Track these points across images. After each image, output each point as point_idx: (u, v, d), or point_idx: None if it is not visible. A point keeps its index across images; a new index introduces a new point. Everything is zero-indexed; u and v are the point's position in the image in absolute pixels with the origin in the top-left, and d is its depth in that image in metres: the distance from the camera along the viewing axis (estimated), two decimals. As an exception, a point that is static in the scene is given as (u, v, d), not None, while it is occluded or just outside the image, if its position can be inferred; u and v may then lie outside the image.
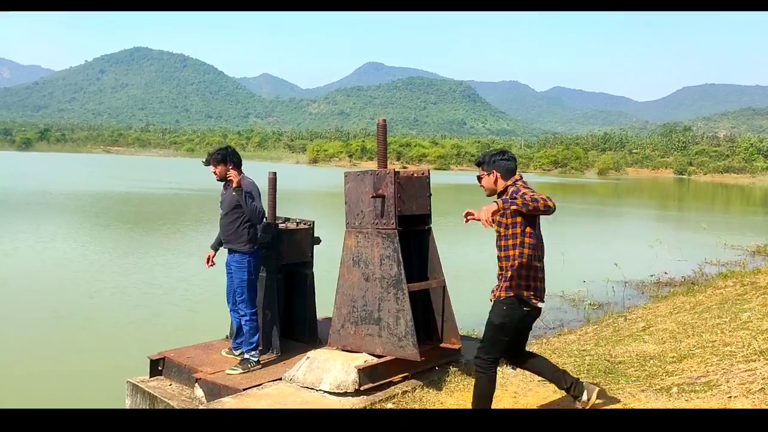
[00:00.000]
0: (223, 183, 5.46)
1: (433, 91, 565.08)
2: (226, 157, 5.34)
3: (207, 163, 5.45)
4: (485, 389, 3.87)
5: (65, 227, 19.00)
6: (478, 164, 4.06)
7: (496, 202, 3.60)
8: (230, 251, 5.42)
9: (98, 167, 71.89)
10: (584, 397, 4.05)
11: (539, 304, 3.90)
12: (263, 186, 5.69)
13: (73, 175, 51.21)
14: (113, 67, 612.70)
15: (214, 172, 5.38)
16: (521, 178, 3.96)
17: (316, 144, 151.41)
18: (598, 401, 4.12)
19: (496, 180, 3.95)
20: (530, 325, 4.08)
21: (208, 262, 5.61)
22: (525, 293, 3.81)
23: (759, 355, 5.16)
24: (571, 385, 4.08)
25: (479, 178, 4.04)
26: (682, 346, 5.96)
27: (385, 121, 5.54)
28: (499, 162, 3.95)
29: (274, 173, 5.86)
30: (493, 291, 4.02)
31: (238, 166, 5.36)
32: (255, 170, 5.43)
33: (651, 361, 5.64)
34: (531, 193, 3.67)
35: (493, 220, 3.54)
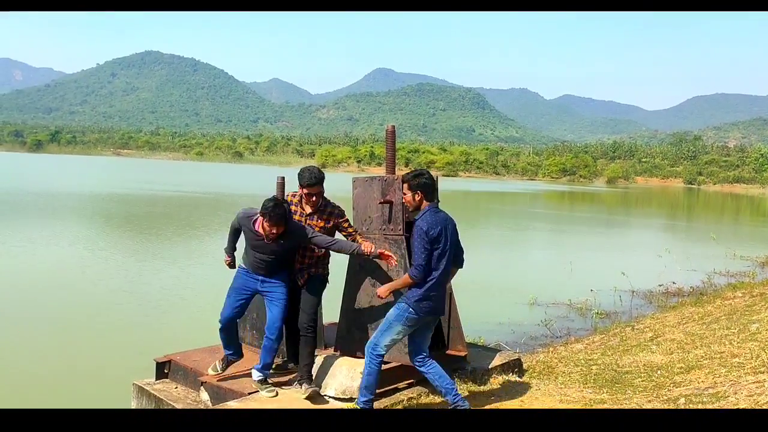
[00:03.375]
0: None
1: (442, 98, 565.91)
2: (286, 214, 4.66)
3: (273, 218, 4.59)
4: None
5: (68, 228, 19.09)
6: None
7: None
8: (273, 278, 4.92)
9: (106, 169, 72.31)
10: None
11: None
12: (272, 190, 5.68)
13: (79, 177, 51.51)
14: (124, 71, 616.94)
15: (272, 232, 4.65)
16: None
17: (324, 149, 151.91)
18: None
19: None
20: None
21: (231, 266, 5.20)
22: None
23: (767, 366, 5.12)
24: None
25: None
26: (690, 357, 5.92)
27: (393, 127, 5.54)
28: None
29: (283, 178, 5.86)
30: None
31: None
32: (264, 174, 5.39)
33: (658, 372, 5.61)
34: None
35: None
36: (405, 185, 4.60)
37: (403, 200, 4.71)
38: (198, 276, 12.52)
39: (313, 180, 4.88)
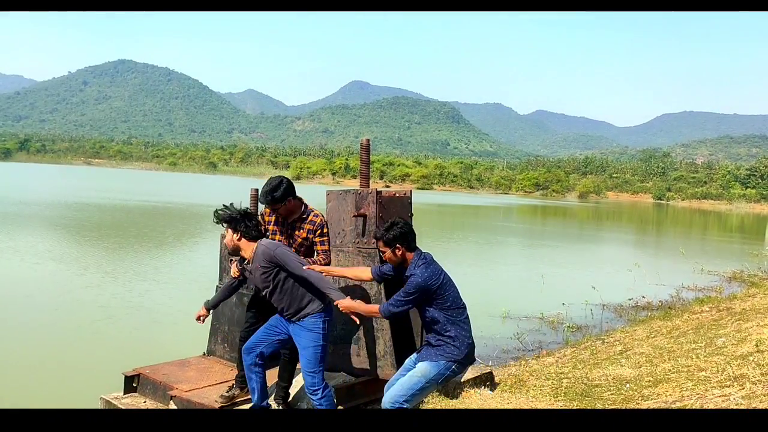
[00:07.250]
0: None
1: (418, 111, 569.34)
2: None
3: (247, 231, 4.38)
4: None
5: (25, 238, 18.72)
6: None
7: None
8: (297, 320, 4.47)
9: (75, 178, 71.09)
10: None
11: None
12: (245, 202, 5.64)
13: (46, 185, 50.57)
14: (97, 79, 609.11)
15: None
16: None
17: (299, 161, 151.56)
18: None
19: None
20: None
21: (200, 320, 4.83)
22: None
23: (733, 380, 5.20)
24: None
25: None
26: (658, 371, 5.99)
27: (368, 140, 5.56)
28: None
29: (256, 190, 5.84)
30: None
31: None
32: (238, 186, 5.36)
33: (627, 385, 5.67)
34: None
35: None
36: (380, 243, 4.25)
37: (384, 258, 4.30)
38: (167, 289, 12.36)
39: (263, 199, 4.62)
